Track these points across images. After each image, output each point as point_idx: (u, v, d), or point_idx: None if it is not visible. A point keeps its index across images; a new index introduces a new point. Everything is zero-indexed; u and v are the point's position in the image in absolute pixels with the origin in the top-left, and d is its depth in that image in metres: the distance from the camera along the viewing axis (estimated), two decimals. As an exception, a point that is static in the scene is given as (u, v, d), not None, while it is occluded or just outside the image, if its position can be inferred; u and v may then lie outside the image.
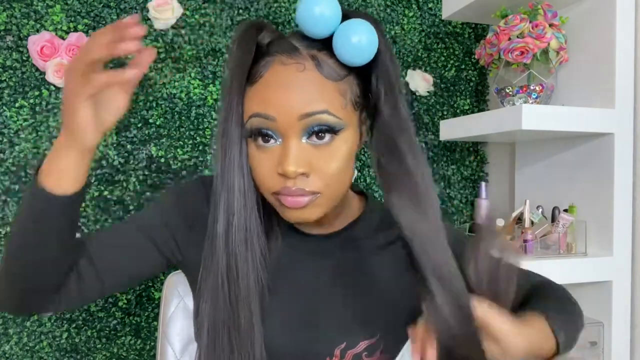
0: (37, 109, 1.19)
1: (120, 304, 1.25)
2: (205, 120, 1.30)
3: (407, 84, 1.47)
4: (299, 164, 0.60)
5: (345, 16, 0.61)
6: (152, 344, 1.28)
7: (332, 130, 0.61)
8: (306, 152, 0.61)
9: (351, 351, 0.66)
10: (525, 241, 1.10)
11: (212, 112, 1.30)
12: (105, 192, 1.24)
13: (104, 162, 1.23)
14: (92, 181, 1.23)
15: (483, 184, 1.44)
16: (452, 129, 1.33)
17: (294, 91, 0.60)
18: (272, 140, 0.62)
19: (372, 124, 0.66)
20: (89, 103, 0.58)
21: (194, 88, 1.29)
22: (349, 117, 0.63)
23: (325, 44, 0.62)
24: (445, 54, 1.51)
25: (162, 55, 1.27)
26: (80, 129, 0.57)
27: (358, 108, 0.65)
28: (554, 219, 1.16)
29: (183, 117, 1.28)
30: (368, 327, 0.67)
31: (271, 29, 0.65)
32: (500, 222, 1.26)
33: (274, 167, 0.62)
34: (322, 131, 0.61)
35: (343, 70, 0.63)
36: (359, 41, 0.59)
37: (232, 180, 0.63)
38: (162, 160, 1.27)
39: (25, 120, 1.18)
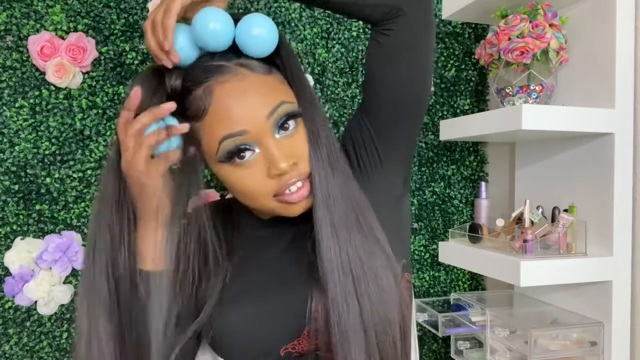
0: (37, 109, 1.19)
1: (120, 304, 1.25)
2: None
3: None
4: (287, 157, 0.65)
5: (237, 21, 0.65)
6: (152, 344, 1.28)
7: (294, 115, 0.67)
8: (285, 145, 0.66)
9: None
10: (525, 241, 1.10)
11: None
12: (105, 192, 1.24)
13: (103, 162, 1.23)
14: (93, 181, 1.23)
15: (483, 184, 1.44)
16: (452, 129, 1.33)
17: (250, 99, 0.64)
18: (248, 153, 0.65)
19: None
20: (157, 180, 0.64)
21: (194, 88, 1.29)
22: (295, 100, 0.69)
23: (238, 52, 0.66)
24: (445, 54, 1.51)
25: (162, 55, 1.27)
26: (155, 203, 0.64)
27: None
28: (554, 219, 1.16)
29: (183, 117, 1.28)
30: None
31: (168, 69, 0.66)
32: (500, 222, 1.26)
33: (264, 175, 0.65)
34: (286, 121, 0.66)
35: (266, 64, 0.68)
36: (259, 33, 0.64)
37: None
38: (162, 160, 1.27)
39: (25, 120, 1.18)
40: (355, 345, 0.63)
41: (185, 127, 0.64)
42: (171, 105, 0.63)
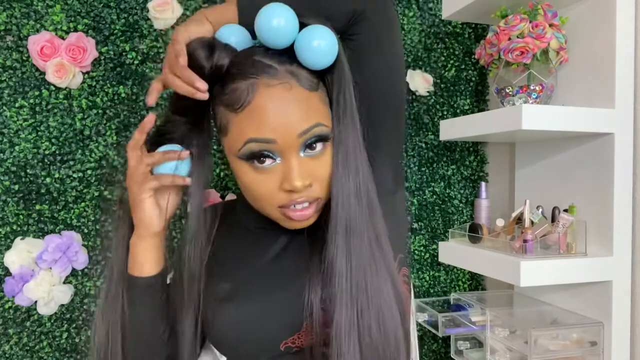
0: (37, 109, 1.19)
1: (120, 304, 1.25)
2: (205, 120, 1.30)
3: (407, 84, 1.47)
4: (304, 177, 0.65)
5: (302, 24, 0.65)
6: (152, 344, 1.28)
7: (325, 139, 0.67)
8: (306, 165, 0.66)
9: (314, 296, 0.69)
10: (525, 241, 1.10)
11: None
12: (105, 192, 1.24)
13: (103, 162, 1.23)
14: (93, 181, 1.23)
15: (483, 184, 1.44)
16: (452, 129, 1.33)
17: (289, 112, 0.64)
18: (268, 161, 0.66)
19: None
20: (150, 197, 0.70)
21: (194, 88, 1.29)
22: (330, 122, 0.68)
23: (292, 56, 0.65)
24: (445, 54, 1.51)
25: (162, 55, 1.27)
26: (147, 218, 0.70)
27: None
28: (554, 219, 1.16)
29: (183, 117, 1.28)
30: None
31: (222, 46, 0.66)
32: (500, 222, 1.26)
33: (277, 185, 0.66)
34: (315, 142, 0.66)
35: (315, 77, 0.67)
36: (319, 45, 0.63)
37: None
38: (162, 160, 1.28)
39: (25, 120, 1.18)
40: None
41: (186, 180, 0.70)
42: (185, 154, 0.70)
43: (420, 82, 1.46)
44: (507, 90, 1.19)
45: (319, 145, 0.67)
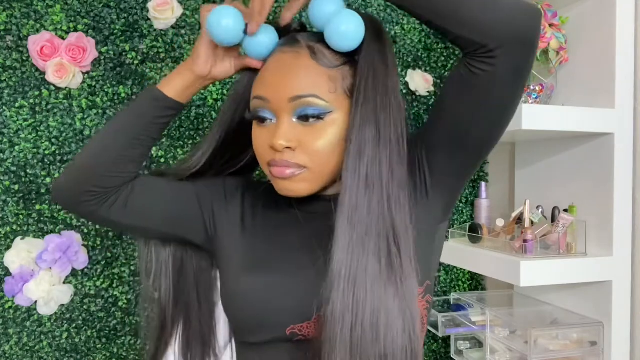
0: (37, 109, 1.19)
1: (120, 304, 1.25)
2: (205, 120, 1.30)
3: (407, 84, 1.47)
4: (287, 138, 0.67)
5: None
6: (152, 344, 1.27)
7: (319, 117, 0.67)
8: (295, 130, 0.68)
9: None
10: (525, 241, 1.10)
11: (212, 112, 1.30)
12: (105, 192, 1.24)
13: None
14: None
15: (483, 184, 1.44)
16: (452, 129, 1.33)
17: (286, 75, 0.68)
18: (268, 120, 0.70)
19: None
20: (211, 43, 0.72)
21: (194, 88, 1.29)
22: (339, 102, 0.68)
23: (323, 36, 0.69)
24: (445, 54, 1.51)
25: (162, 55, 1.27)
26: (198, 55, 0.73)
27: (351, 96, 0.69)
28: (554, 219, 1.16)
29: (183, 117, 1.28)
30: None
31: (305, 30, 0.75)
32: (500, 222, 1.26)
33: (268, 141, 0.69)
34: (309, 117, 0.67)
35: (339, 60, 0.69)
36: (346, 29, 0.66)
37: None
38: (162, 160, 1.27)
39: (25, 120, 1.18)
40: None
41: (252, 62, 0.74)
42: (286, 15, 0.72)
43: (420, 82, 1.46)
44: (507, 90, 1.19)
45: (312, 121, 0.67)
